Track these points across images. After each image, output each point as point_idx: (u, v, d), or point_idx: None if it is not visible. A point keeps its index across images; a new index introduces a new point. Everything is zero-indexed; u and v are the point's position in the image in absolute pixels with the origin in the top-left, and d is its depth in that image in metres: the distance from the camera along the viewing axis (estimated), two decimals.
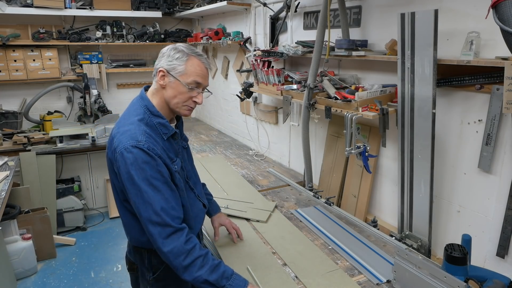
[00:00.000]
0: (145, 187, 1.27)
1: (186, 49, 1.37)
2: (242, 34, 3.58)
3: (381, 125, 1.93)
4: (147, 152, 1.27)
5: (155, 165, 1.29)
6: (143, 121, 1.36)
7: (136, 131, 1.31)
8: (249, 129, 3.79)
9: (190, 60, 1.35)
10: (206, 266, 1.29)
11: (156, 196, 1.28)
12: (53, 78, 4.18)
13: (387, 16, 2.07)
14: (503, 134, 1.60)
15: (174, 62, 1.35)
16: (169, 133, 1.40)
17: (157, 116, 1.38)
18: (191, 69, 1.35)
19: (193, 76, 1.35)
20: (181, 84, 1.35)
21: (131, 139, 1.29)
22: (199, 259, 1.29)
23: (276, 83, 2.68)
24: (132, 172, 1.27)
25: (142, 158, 1.27)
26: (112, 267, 3.31)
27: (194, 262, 1.28)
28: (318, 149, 2.79)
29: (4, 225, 2.94)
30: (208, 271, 1.28)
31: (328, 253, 1.75)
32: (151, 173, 1.27)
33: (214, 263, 1.31)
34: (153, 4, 4.50)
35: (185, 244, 1.28)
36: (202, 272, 1.27)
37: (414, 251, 1.77)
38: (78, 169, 4.10)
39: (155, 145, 1.31)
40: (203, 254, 1.30)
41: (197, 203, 1.58)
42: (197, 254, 1.29)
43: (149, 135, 1.32)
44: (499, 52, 1.52)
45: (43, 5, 3.87)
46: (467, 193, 1.79)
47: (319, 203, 2.31)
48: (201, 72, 1.37)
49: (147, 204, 1.27)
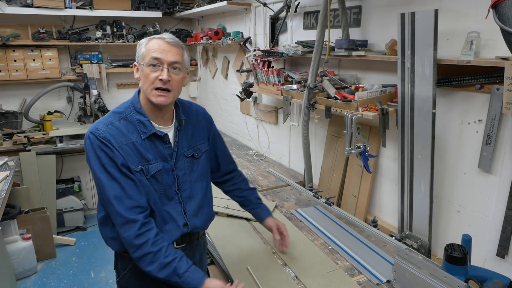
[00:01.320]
0: (100, 174, 1.28)
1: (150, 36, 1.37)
2: (242, 34, 3.58)
3: (381, 125, 1.93)
4: (101, 140, 1.28)
5: (110, 153, 1.28)
6: (120, 114, 1.35)
7: (101, 121, 1.34)
8: (249, 129, 3.79)
9: (150, 42, 1.34)
10: (155, 263, 1.27)
11: (110, 184, 1.27)
12: (53, 78, 4.17)
13: (387, 16, 2.07)
14: (503, 134, 1.60)
15: (137, 49, 1.36)
16: (148, 132, 1.34)
17: (139, 113, 1.35)
18: (149, 48, 1.32)
19: (151, 53, 1.31)
20: (144, 66, 1.32)
21: (93, 127, 1.31)
22: (149, 255, 1.27)
23: (276, 83, 2.68)
24: (90, 158, 1.30)
25: (97, 145, 1.28)
26: (112, 267, 3.29)
27: (144, 258, 1.27)
28: (318, 149, 2.79)
29: (4, 225, 2.94)
30: (157, 268, 1.27)
31: (328, 253, 1.75)
32: (106, 161, 1.28)
33: (165, 261, 1.27)
34: (153, 4, 4.50)
35: (135, 239, 1.27)
36: (152, 268, 1.27)
37: (414, 251, 1.77)
38: (78, 169, 4.10)
39: (115, 138, 1.29)
40: (154, 251, 1.27)
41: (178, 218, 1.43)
42: (147, 251, 1.27)
43: (115, 127, 1.31)
44: (499, 52, 1.52)
45: (43, 5, 3.87)
46: (467, 193, 1.79)
47: (319, 203, 2.31)
48: (159, 48, 1.31)
49: (102, 191, 1.29)
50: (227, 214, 2.15)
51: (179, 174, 1.43)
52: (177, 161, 1.42)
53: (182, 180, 1.44)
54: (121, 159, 1.29)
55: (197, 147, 1.50)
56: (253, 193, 1.75)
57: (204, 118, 1.57)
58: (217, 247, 1.81)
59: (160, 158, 1.37)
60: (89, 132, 1.30)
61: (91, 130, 1.30)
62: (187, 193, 1.46)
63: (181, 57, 1.35)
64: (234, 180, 1.73)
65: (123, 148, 1.30)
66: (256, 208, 1.72)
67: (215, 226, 2.04)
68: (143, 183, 1.33)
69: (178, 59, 1.34)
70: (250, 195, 1.73)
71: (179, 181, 1.43)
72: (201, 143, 1.52)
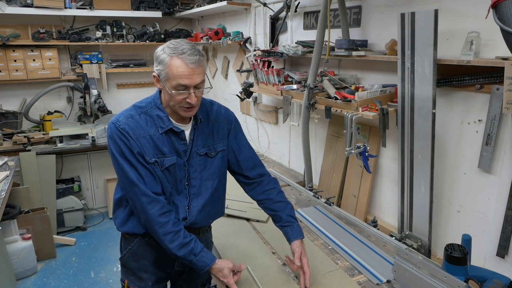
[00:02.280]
0: (121, 160, 1.37)
1: (169, 49, 1.31)
2: (242, 34, 3.58)
3: (381, 125, 1.93)
4: (120, 131, 1.36)
5: (127, 143, 1.36)
6: (141, 109, 1.42)
7: (123, 113, 1.42)
8: (249, 129, 3.79)
9: (172, 61, 1.29)
10: (176, 241, 1.38)
11: (131, 169, 1.37)
12: (53, 78, 4.17)
13: (387, 16, 2.07)
14: (503, 134, 1.60)
15: (159, 68, 1.33)
16: (165, 127, 1.40)
17: (158, 109, 1.42)
18: (173, 72, 1.29)
19: (177, 79, 1.29)
20: (169, 88, 1.32)
21: (115, 118, 1.41)
22: (170, 234, 1.38)
23: (276, 83, 2.68)
24: (111, 147, 1.39)
25: (116, 134, 1.37)
26: (112, 267, 3.31)
27: (165, 236, 1.38)
28: (318, 149, 2.79)
29: (4, 225, 2.94)
30: (177, 247, 1.38)
31: (328, 253, 1.75)
32: (125, 149, 1.36)
33: (185, 241, 1.39)
34: (153, 4, 4.49)
35: (159, 217, 1.38)
36: (172, 246, 1.38)
37: (414, 251, 1.77)
38: (78, 169, 4.10)
39: (133, 130, 1.37)
40: (175, 231, 1.39)
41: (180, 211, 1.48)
42: (169, 230, 1.38)
43: (135, 120, 1.39)
44: (499, 52, 1.52)
45: (43, 5, 3.86)
46: (467, 193, 1.79)
47: (319, 203, 2.31)
48: (184, 73, 1.29)
49: (124, 175, 1.38)
50: (227, 214, 2.15)
51: (190, 171, 1.49)
52: (190, 158, 1.47)
53: (192, 177, 1.49)
54: (137, 149, 1.37)
55: (213, 146, 1.52)
56: (285, 208, 1.60)
57: (225, 118, 1.58)
58: (217, 247, 1.81)
59: (175, 153, 1.44)
60: (111, 123, 1.40)
61: (113, 121, 1.40)
62: (195, 189, 1.51)
63: (204, 73, 1.38)
64: (262, 186, 1.62)
65: (140, 140, 1.38)
66: (286, 226, 1.57)
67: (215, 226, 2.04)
68: (157, 174, 1.42)
69: (202, 78, 1.36)
70: (281, 209, 1.59)
71: (189, 177, 1.49)
72: (218, 143, 1.54)
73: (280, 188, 1.66)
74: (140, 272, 1.56)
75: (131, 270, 1.57)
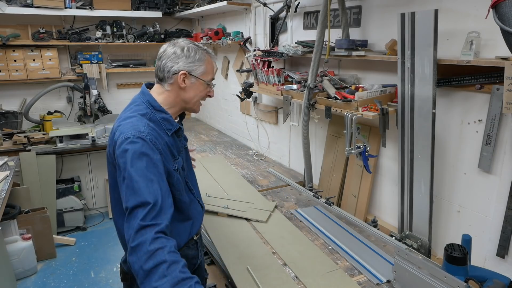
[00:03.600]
0: (137, 177, 1.18)
1: (198, 48, 1.39)
2: (242, 34, 3.58)
3: (381, 125, 1.93)
4: (149, 143, 1.23)
5: (154, 159, 1.23)
6: (145, 116, 1.33)
7: (139, 123, 1.28)
8: (249, 129, 3.79)
9: (207, 59, 1.41)
10: (168, 277, 1.05)
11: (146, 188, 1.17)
12: (53, 78, 4.17)
13: (387, 16, 2.07)
14: (503, 134, 1.60)
15: (196, 63, 1.37)
16: (173, 128, 1.38)
17: (160, 111, 1.36)
18: (209, 67, 1.41)
19: (211, 73, 1.43)
20: (204, 83, 1.40)
21: (133, 130, 1.24)
22: (163, 265, 1.06)
23: (276, 83, 2.68)
24: (128, 161, 1.20)
25: (142, 149, 1.22)
26: (112, 267, 3.31)
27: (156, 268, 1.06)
28: (318, 149, 2.79)
29: (4, 225, 2.94)
30: (168, 284, 1.04)
31: (328, 253, 1.75)
32: (147, 165, 1.21)
33: (180, 276, 1.06)
34: (153, 4, 4.50)
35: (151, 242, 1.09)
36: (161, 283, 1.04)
37: (414, 251, 1.77)
38: (78, 169, 4.10)
39: (157, 139, 1.28)
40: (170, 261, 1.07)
41: (196, 204, 1.55)
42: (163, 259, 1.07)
43: (152, 128, 1.30)
44: (499, 52, 1.52)
45: (43, 5, 3.87)
46: (467, 193, 1.79)
47: (319, 203, 2.31)
48: (214, 69, 1.46)
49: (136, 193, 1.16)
50: (227, 214, 2.15)
51: (185, 165, 1.51)
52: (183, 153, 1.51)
53: (188, 169, 1.54)
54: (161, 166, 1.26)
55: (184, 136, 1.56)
56: None
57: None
58: (217, 247, 1.81)
59: (178, 153, 1.44)
60: (132, 136, 1.22)
61: (135, 134, 1.23)
62: (193, 182, 1.58)
63: None
64: None
65: (164, 149, 1.31)
66: None
67: (215, 226, 2.05)
68: (176, 178, 1.37)
69: None
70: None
71: (186, 171, 1.52)
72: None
73: None
74: None
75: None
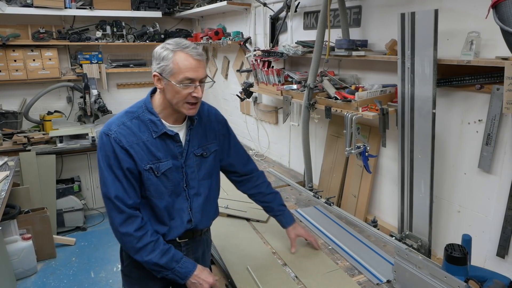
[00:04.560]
0: (106, 173, 1.35)
1: (171, 45, 1.31)
2: (242, 34, 3.58)
3: (381, 125, 1.93)
4: (112, 141, 1.33)
5: (118, 155, 1.34)
6: (133, 114, 1.39)
7: (114, 121, 1.38)
8: (249, 129, 3.79)
9: (176, 56, 1.30)
10: (157, 250, 1.37)
11: (114, 183, 1.35)
12: (53, 78, 4.17)
13: (387, 16, 2.07)
14: (503, 134, 1.60)
15: (162, 64, 1.31)
16: (159, 131, 1.38)
17: (150, 113, 1.39)
18: (179, 66, 1.29)
19: (183, 72, 1.30)
20: (175, 85, 1.31)
21: (106, 127, 1.37)
22: (150, 244, 1.37)
23: (276, 83, 2.68)
24: (99, 156, 1.37)
25: (108, 145, 1.34)
26: (112, 267, 3.31)
27: (145, 247, 1.36)
28: (318, 149, 2.79)
29: (4, 225, 2.94)
30: (159, 255, 1.37)
31: (328, 253, 1.75)
32: (114, 162, 1.34)
33: (165, 247, 1.40)
34: (153, 4, 4.49)
35: (136, 231, 1.36)
36: (153, 256, 1.36)
37: (414, 251, 1.77)
38: (78, 169, 4.10)
39: (127, 137, 1.34)
40: (154, 240, 1.38)
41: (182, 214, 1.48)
42: (148, 240, 1.37)
43: (127, 127, 1.36)
44: (499, 52, 1.52)
45: (43, 5, 3.86)
46: (467, 193, 1.79)
47: (319, 203, 2.31)
48: (190, 66, 1.30)
49: (107, 188, 1.35)
50: (227, 214, 2.15)
51: (188, 172, 1.47)
52: (187, 159, 1.46)
53: (190, 178, 1.48)
54: (129, 163, 1.35)
55: (206, 146, 1.53)
56: (275, 198, 1.76)
57: (215, 118, 1.60)
58: (217, 247, 1.81)
59: (171, 156, 1.42)
60: (103, 132, 1.36)
61: (104, 131, 1.36)
62: (194, 190, 1.50)
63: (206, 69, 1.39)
64: (253, 182, 1.74)
65: (134, 147, 1.35)
66: (278, 215, 1.76)
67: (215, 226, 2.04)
68: (151, 181, 1.39)
69: (205, 73, 1.38)
70: (272, 200, 1.75)
71: (187, 178, 1.47)
72: (211, 143, 1.55)
73: (268, 181, 1.79)
74: (146, 280, 1.52)
75: (135, 279, 1.54)
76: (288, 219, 1.76)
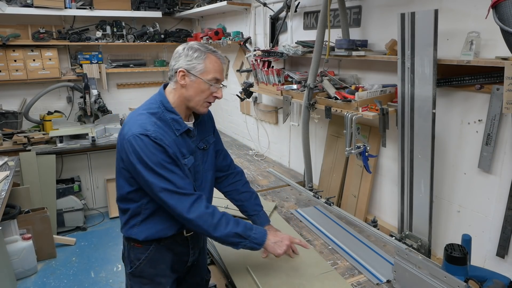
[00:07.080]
0: (160, 170, 1.34)
1: (202, 47, 1.41)
2: (242, 34, 3.58)
3: (381, 125, 1.93)
4: (154, 140, 1.33)
5: (164, 151, 1.35)
6: (155, 115, 1.40)
7: (146, 121, 1.37)
8: (249, 129, 3.79)
9: (208, 57, 1.40)
10: (230, 222, 1.42)
11: (174, 176, 1.36)
12: (53, 78, 4.17)
13: (387, 16, 2.07)
14: (503, 134, 1.60)
15: (194, 61, 1.39)
16: (182, 129, 1.43)
17: (171, 112, 1.42)
18: (210, 66, 1.40)
19: (213, 72, 1.40)
20: (203, 82, 1.39)
21: (140, 128, 1.34)
22: (223, 218, 1.42)
23: (276, 83, 2.68)
24: (144, 158, 1.33)
25: (151, 144, 1.33)
26: (112, 267, 3.31)
27: (220, 221, 1.40)
28: (318, 149, 2.79)
29: (4, 225, 2.94)
30: (234, 225, 1.42)
31: (328, 253, 1.75)
32: (162, 157, 1.34)
33: (234, 218, 1.45)
34: (153, 4, 4.50)
35: (206, 209, 1.40)
36: (230, 227, 1.41)
37: (414, 251, 1.77)
38: (78, 169, 4.10)
39: (163, 136, 1.36)
40: (223, 214, 1.43)
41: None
42: (220, 215, 1.42)
43: (159, 126, 1.37)
44: (499, 52, 1.52)
45: (43, 5, 3.86)
46: (467, 193, 1.79)
47: (319, 203, 2.31)
48: (219, 68, 1.43)
49: (168, 182, 1.35)
50: None
51: (195, 165, 1.52)
52: (197, 154, 1.53)
53: (196, 170, 1.53)
54: (174, 156, 1.37)
55: (206, 139, 1.59)
56: (251, 197, 1.74)
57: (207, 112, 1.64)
58: (217, 247, 1.81)
59: (190, 152, 1.48)
60: (138, 134, 1.33)
61: (140, 132, 1.33)
62: (199, 182, 1.55)
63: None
64: (230, 179, 1.76)
65: (171, 146, 1.38)
66: (252, 215, 1.73)
67: None
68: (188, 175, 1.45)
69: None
70: (247, 199, 1.73)
71: (195, 170, 1.52)
72: (208, 135, 1.61)
73: (246, 179, 1.79)
74: (158, 277, 1.52)
75: (147, 278, 1.53)
76: (262, 220, 1.72)
